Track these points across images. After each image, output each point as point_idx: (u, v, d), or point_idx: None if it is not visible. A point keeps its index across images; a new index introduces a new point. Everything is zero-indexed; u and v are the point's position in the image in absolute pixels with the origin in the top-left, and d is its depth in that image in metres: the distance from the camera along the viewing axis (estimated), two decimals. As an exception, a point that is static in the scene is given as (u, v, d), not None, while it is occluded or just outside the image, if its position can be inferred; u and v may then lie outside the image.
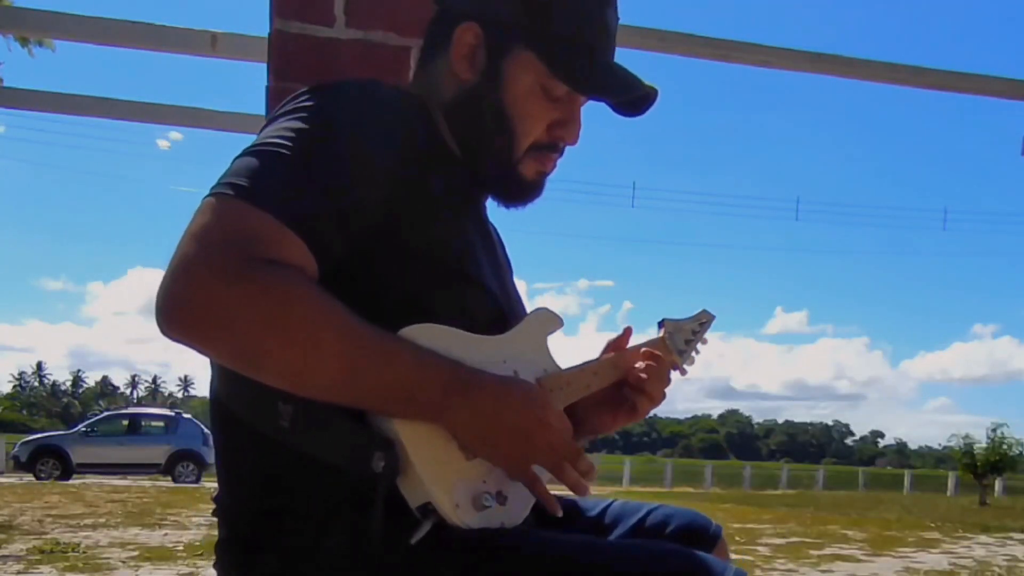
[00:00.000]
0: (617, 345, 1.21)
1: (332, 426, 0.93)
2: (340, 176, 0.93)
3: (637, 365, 1.18)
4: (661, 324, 1.27)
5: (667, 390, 1.21)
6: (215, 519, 1.06)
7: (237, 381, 0.96)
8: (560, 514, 1.02)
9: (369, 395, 0.91)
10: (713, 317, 1.31)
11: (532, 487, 1.00)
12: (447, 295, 1.01)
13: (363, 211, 0.95)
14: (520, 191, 1.14)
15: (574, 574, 0.96)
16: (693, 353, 1.29)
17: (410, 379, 0.91)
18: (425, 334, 0.95)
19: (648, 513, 1.21)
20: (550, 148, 1.12)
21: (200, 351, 0.88)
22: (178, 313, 0.85)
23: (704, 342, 1.31)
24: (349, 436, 0.93)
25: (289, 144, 0.93)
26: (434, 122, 1.10)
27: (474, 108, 1.09)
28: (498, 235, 1.24)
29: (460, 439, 0.96)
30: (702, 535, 1.20)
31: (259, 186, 0.89)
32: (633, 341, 1.23)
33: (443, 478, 0.95)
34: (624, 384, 1.18)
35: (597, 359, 1.17)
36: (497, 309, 1.07)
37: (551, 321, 1.11)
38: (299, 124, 0.95)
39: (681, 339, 1.27)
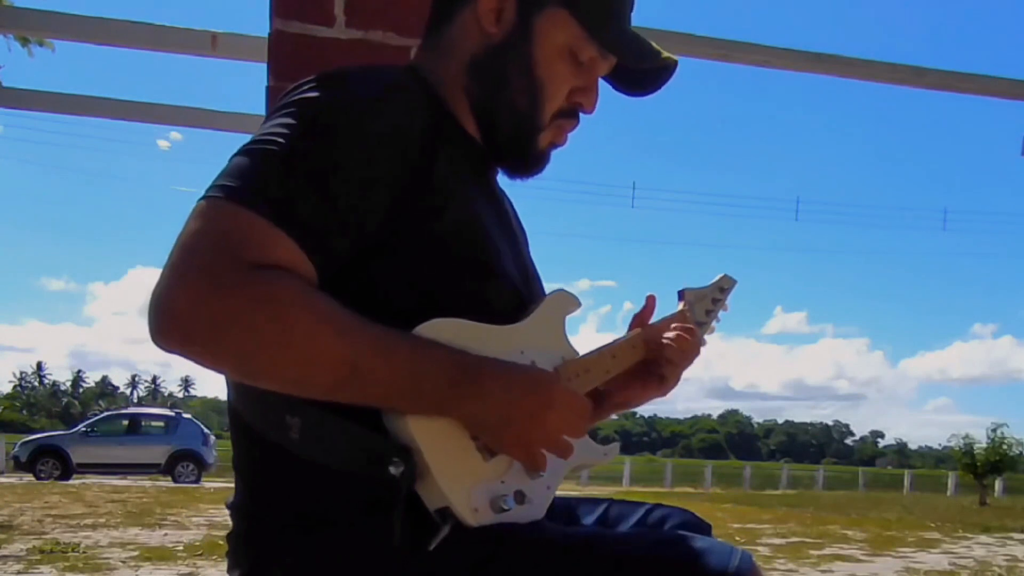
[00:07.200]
0: (641, 319, 1.18)
1: (343, 435, 0.92)
2: (337, 172, 0.90)
3: (666, 336, 1.15)
4: (681, 295, 1.22)
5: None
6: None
7: (246, 393, 0.96)
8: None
9: (373, 391, 0.90)
10: (735, 282, 1.26)
11: (537, 469, 0.99)
12: (465, 288, 0.99)
13: (366, 207, 0.92)
14: (530, 161, 1.11)
15: (591, 561, 0.96)
16: (714, 323, 1.25)
17: (414, 372, 0.90)
18: (439, 329, 0.93)
19: (647, 512, 1.21)
20: (570, 114, 1.10)
21: (198, 362, 0.86)
22: (172, 325, 0.83)
23: (726, 309, 1.26)
24: (363, 443, 0.92)
25: (282, 141, 0.90)
26: (440, 99, 1.06)
27: (500, 66, 1.06)
28: (511, 203, 1.21)
29: (469, 428, 0.95)
30: (696, 532, 1.20)
31: (250, 187, 0.87)
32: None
33: (461, 482, 0.95)
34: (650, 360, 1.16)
35: (615, 342, 1.14)
36: (515, 293, 1.05)
37: (568, 303, 1.08)
38: (294, 119, 0.92)
39: (702, 309, 1.23)
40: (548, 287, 1.14)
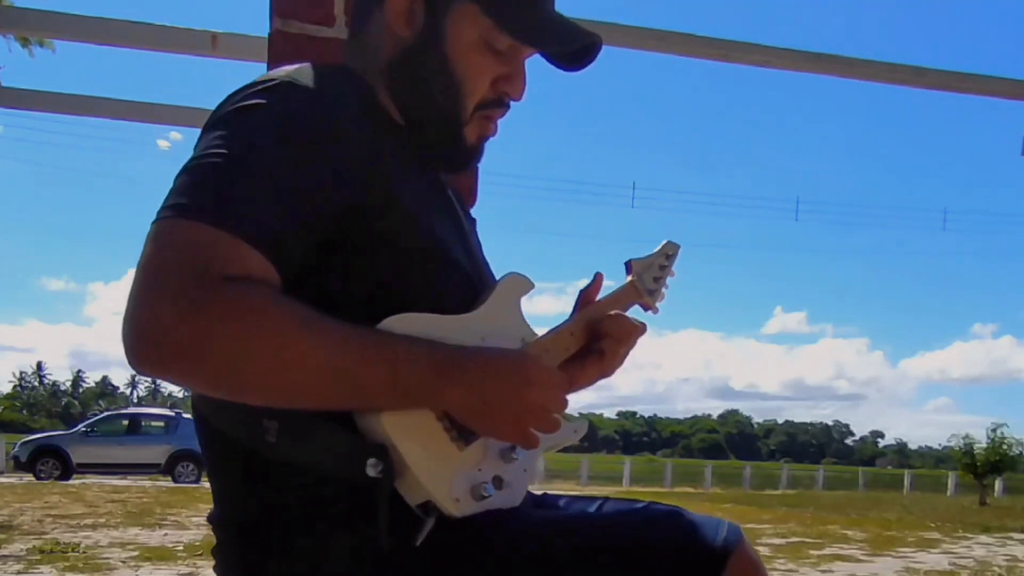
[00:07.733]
0: (588, 296, 1.19)
1: (320, 436, 0.92)
2: (284, 177, 0.89)
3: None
4: (628, 266, 1.24)
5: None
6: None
7: (218, 399, 0.95)
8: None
9: (358, 395, 0.89)
10: (678, 247, 1.28)
11: (531, 445, 0.99)
12: (417, 279, 0.99)
13: (316, 209, 0.91)
14: (458, 156, 1.11)
15: (583, 539, 0.97)
16: (663, 289, 1.27)
17: (396, 370, 0.89)
18: (401, 324, 0.94)
19: (645, 509, 1.22)
20: (496, 103, 1.09)
21: (178, 383, 0.86)
22: (147, 349, 0.82)
23: (672, 275, 1.28)
24: (339, 444, 0.92)
25: (225, 152, 0.89)
26: (375, 94, 1.06)
27: (416, 67, 1.05)
28: (456, 193, 1.21)
29: (456, 417, 0.95)
30: None
31: (202, 202, 0.86)
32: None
33: (440, 474, 0.95)
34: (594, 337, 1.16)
35: (571, 319, 1.15)
36: (467, 282, 1.06)
37: (522, 284, 1.09)
38: (233, 130, 0.91)
39: (650, 277, 1.25)
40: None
